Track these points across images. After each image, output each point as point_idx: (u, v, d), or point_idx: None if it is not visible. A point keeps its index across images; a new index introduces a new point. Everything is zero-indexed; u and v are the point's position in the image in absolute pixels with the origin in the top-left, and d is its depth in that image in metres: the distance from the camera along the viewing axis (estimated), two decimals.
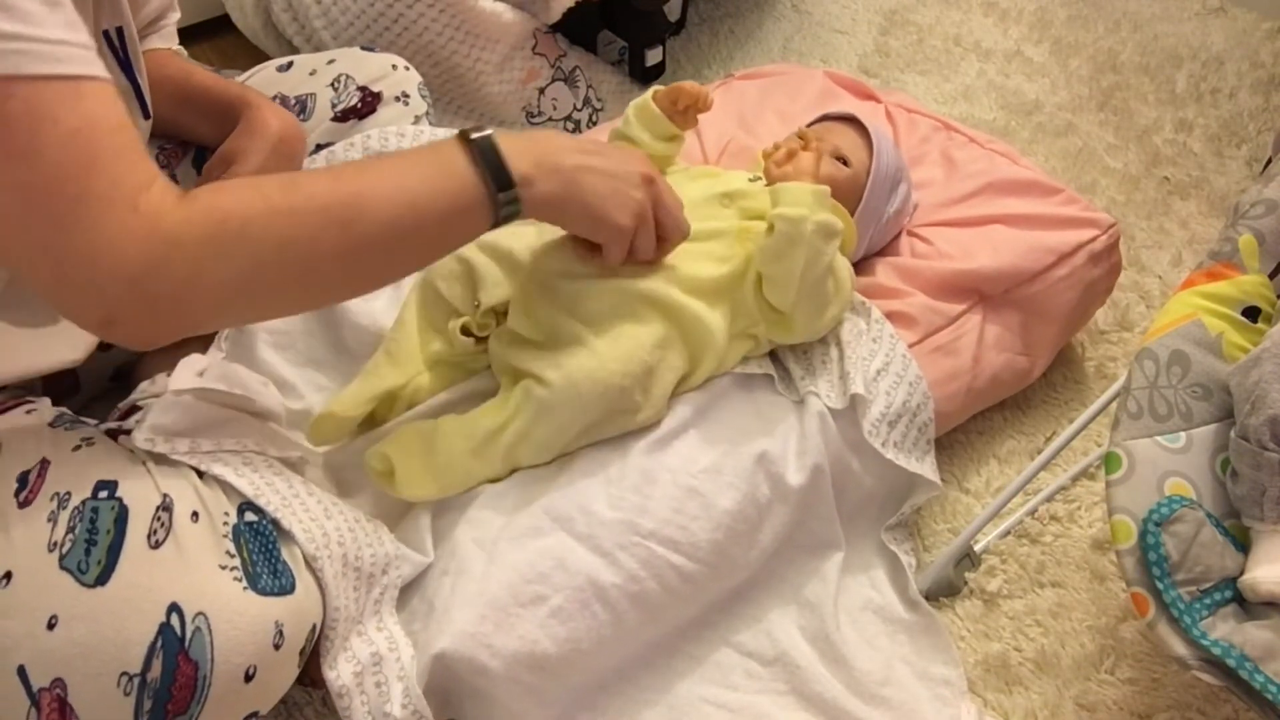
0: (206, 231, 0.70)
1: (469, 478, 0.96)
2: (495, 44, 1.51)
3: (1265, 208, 0.98)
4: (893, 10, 1.98)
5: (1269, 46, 1.95)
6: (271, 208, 0.73)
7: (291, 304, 0.81)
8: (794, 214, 0.99)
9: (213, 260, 0.70)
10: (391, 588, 0.89)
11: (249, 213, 0.72)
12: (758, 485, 1.00)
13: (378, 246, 0.78)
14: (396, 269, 0.83)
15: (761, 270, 1.02)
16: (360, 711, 0.84)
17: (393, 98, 1.18)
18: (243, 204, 0.72)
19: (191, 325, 0.74)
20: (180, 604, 0.72)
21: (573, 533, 0.93)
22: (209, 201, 0.71)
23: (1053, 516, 1.18)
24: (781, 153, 1.08)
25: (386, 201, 0.78)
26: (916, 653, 1.04)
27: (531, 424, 0.95)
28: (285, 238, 0.73)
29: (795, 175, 1.04)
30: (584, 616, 0.91)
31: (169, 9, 1.10)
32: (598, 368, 0.94)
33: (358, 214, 0.76)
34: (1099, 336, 1.38)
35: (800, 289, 1.01)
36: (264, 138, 1.03)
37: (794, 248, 0.99)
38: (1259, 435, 0.82)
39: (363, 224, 0.76)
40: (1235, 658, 0.77)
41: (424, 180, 0.80)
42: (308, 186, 0.76)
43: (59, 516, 0.75)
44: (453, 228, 0.83)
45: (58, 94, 0.66)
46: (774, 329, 1.06)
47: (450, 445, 0.94)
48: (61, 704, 0.70)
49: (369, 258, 0.78)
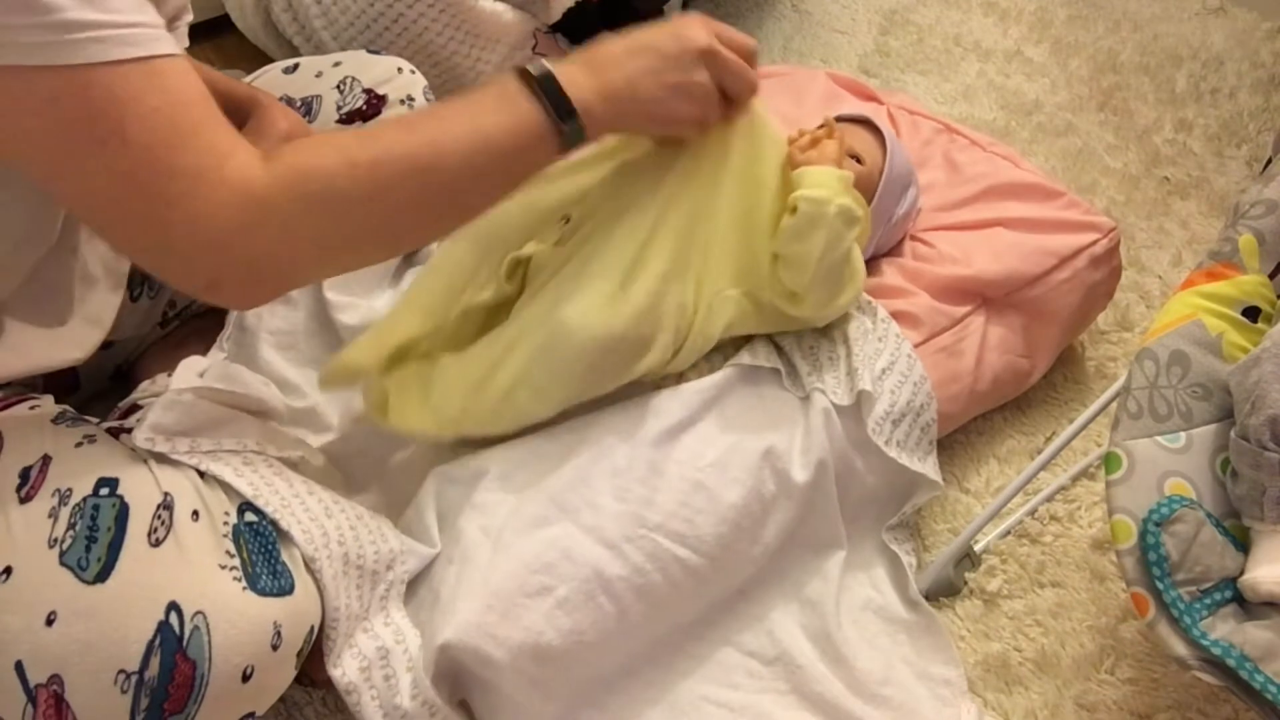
0: (294, 191, 0.73)
1: (464, 417, 0.95)
2: (495, 44, 1.51)
3: (1265, 208, 0.98)
4: (893, 10, 1.98)
5: (1269, 46, 1.95)
6: (352, 160, 0.75)
7: (382, 250, 0.85)
8: (818, 195, 0.99)
9: (302, 217, 0.73)
10: (398, 583, 0.89)
11: (332, 168, 0.74)
12: (763, 480, 1.00)
13: (457, 187, 0.81)
14: (476, 207, 0.86)
15: (781, 251, 1.02)
16: (370, 706, 0.84)
17: (398, 100, 1.18)
18: (324, 161, 0.75)
19: (291, 281, 0.80)
20: (179, 603, 0.72)
21: (579, 523, 0.93)
22: (292, 162, 0.74)
23: (1053, 516, 1.17)
24: (806, 139, 1.08)
25: (461, 144, 0.80)
26: (917, 653, 1.04)
27: (529, 364, 0.94)
28: (369, 189, 0.76)
29: (820, 160, 1.04)
30: (589, 608, 0.91)
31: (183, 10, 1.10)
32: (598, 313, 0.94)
33: (436, 159, 0.79)
34: (1099, 336, 1.38)
35: (816, 272, 1.01)
36: (273, 137, 1.03)
37: (815, 229, 0.99)
38: (1259, 435, 0.82)
39: (441, 168, 0.79)
40: (1235, 658, 0.77)
41: (493, 119, 0.82)
42: (384, 138, 0.78)
43: (60, 513, 0.75)
44: (523, 161, 0.86)
45: (136, 76, 0.67)
46: (782, 299, 1.05)
47: (446, 380, 0.94)
48: (58, 701, 0.70)
49: (450, 198, 0.82)
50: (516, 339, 0.95)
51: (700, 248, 1.00)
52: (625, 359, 0.97)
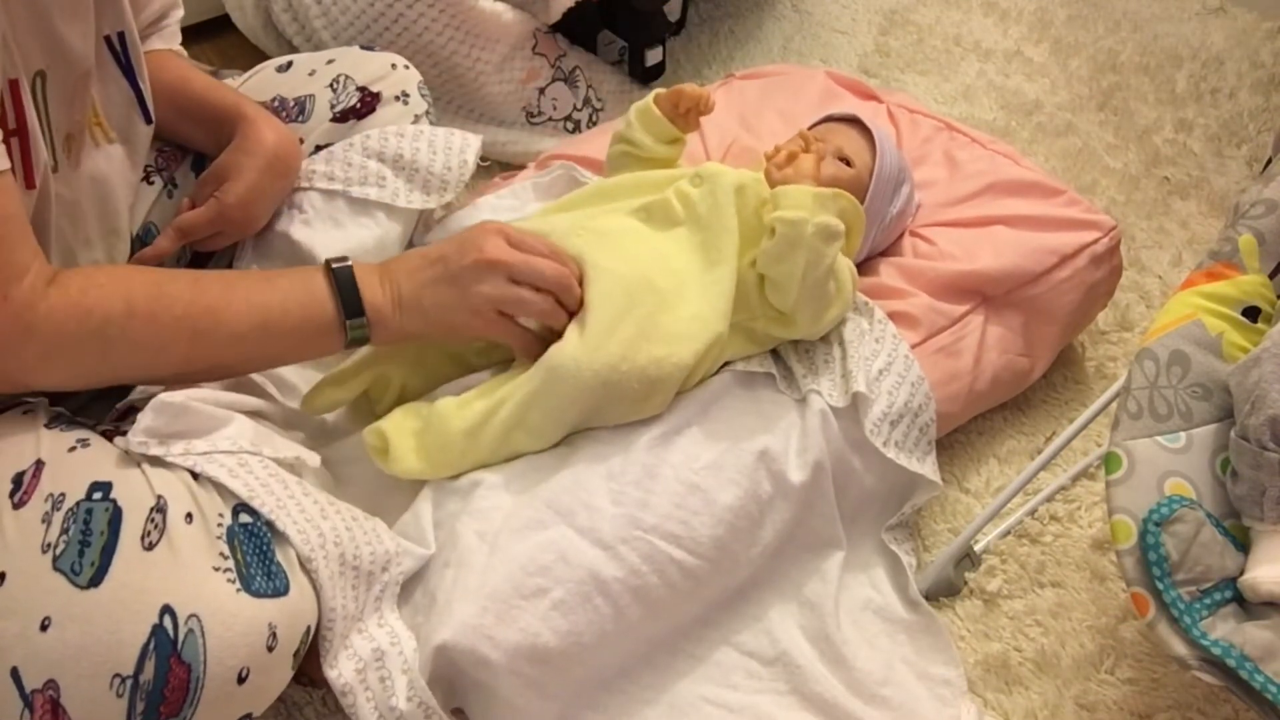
0: (65, 326, 0.78)
1: (462, 458, 0.96)
2: (495, 44, 1.51)
3: (1265, 208, 0.98)
4: (893, 10, 1.98)
5: (1269, 46, 1.94)
6: (131, 311, 0.80)
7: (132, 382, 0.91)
8: (794, 217, 0.99)
9: (64, 351, 0.79)
10: (393, 584, 0.89)
11: (109, 314, 0.80)
12: (759, 482, 1.00)
13: (223, 358, 0.88)
14: (239, 371, 0.93)
15: (763, 272, 1.03)
16: (366, 708, 0.84)
17: (392, 97, 1.17)
18: (105, 303, 0.80)
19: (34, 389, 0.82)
20: (173, 606, 0.72)
21: (574, 526, 0.93)
22: (75, 298, 0.78)
23: (1053, 516, 1.17)
24: (782, 155, 1.08)
25: (241, 319, 0.86)
26: (916, 653, 1.04)
27: (524, 407, 0.95)
28: (137, 341, 0.82)
29: (796, 178, 1.04)
30: (585, 610, 0.91)
31: (172, 7, 1.10)
32: (596, 351, 0.94)
33: (210, 326, 0.85)
34: (1099, 336, 1.38)
35: (801, 291, 1.01)
36: (259, 155, 1.03)
37: (794, 251, 0.99)
38: (1259, 435, 0.82)
39: (212, 336, 0.85)
40: (1235, 658, 0.77)
41: (282, 302, 0.88)
42: (171, 293, 0.83)
43: (53, 518, 0.75)
44: (300, 348, 0.92)
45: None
46: (774, 325, 1.06)
47: (444, 423, 0.95)
48: (54, 705, 0.70)
49: (214, 363, 0.88)
50: (512, 387, 0.96)
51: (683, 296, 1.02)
52: (622, 406, 0.98)
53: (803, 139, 1.10)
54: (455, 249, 0.94)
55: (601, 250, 1.01)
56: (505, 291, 0.94)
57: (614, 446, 0.98)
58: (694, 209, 1.06)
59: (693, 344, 0.99)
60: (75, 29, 0.84)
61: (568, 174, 1.29)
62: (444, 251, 0.95)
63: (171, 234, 1.02)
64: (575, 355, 0.94)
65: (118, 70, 0.93)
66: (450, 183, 1.15)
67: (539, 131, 1.60)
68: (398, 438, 0.95)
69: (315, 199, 1.10)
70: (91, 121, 0.92)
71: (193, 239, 1.03)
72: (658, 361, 0.97)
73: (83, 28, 0.85)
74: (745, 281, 1.04)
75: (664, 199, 1.07)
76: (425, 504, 0.95)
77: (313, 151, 1.14)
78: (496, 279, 0.93)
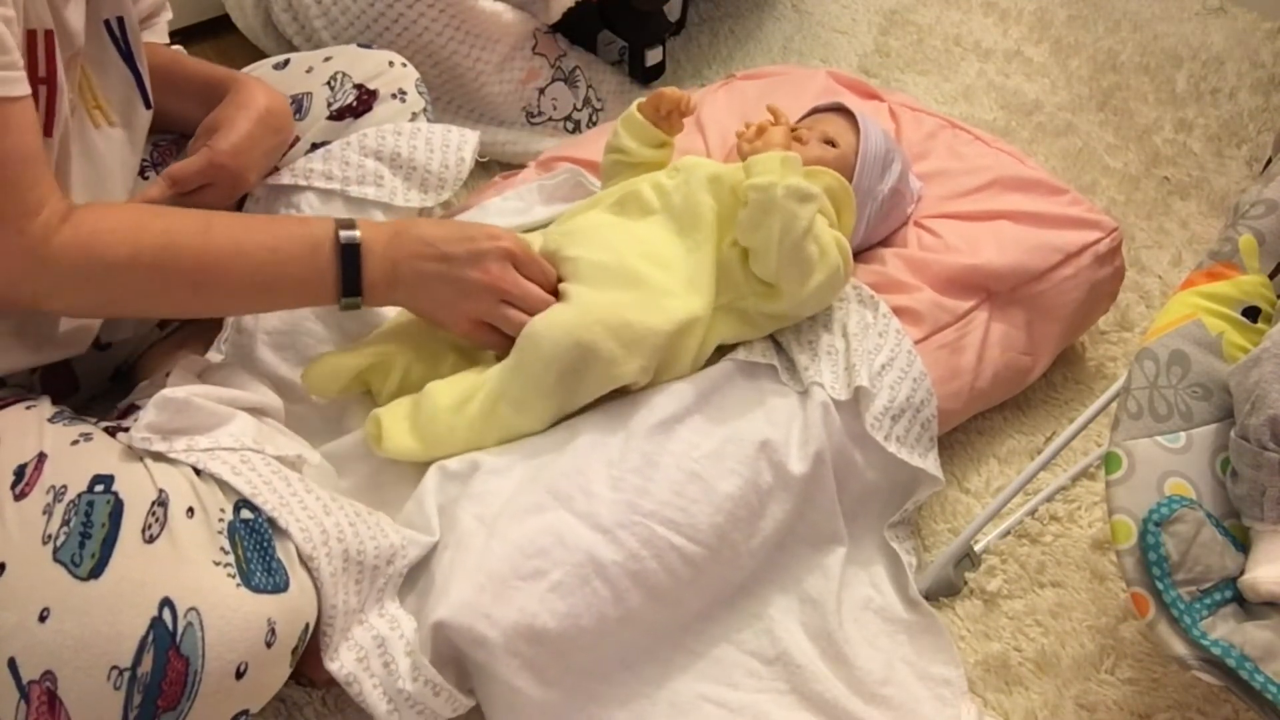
0: (75, 261, 0.82)
1: (451, 434, 0.97)
2: (495, 44, 1.51)
3: (1265, 208, 0.98)
4: (893, 10, 1.98)
5: (1269, 46, 1.94)
6: (137, 255, 0.84)
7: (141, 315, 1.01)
8: (764, 182, 1.01)
9: (74, 282, 0.83)
10: (397, 576, 0.89)
11: (115, 260, 0.83)
12: (760, 472, 1.00)
13: (222, 302, 0.93)
14: (235, 312, 1.01)
15: (742, 243, 1.04)
16: (374, 694, 0.84)
17: (389, 95, 1.17)
18: (113, 250, 0.83)
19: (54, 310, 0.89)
20: (173, 599, 0.72)
21: (573, 510, 0.94)
22: (85, 239, 0.82)
23: (1053, 516, 1.17)
24: (752, 130, 1.10)
25: (242, 277, 0.89)
26: (917, 653, 1.04)
27: (504, 378, 0.97)
28: (142, 279, 0.85)
29: (764, 148, 1.06)
30: (584, 592, 0.91)
31: (160, 9, 1.10)
32: (558, 317, 0.97)
33: (213, 277, 0.88)
34: (1099, 336, 1.38)
35: (780, 254, 1.02)
36: (251, 108, 1.03)
37: (768, 215, 1.01)
38: (1259, 435, 0.82)
39: (212, 290, 0.89)
40: (1235, 658, 0.77)
41: (284, 260, 0.90)
42: (178, 236, 0.86)
43: (54, 509, 0.75)
44: (294, 301, 0.96)
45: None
46: (763, 300, 1.06)
47: (433, 400, 0.97)
48: (51, 697, 0.70)
49: (211, 306, 0.94)
50: (497, 365, 0.99)
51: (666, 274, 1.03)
52: (596, 369, 0.98)
53: (772, 113, 1.12)
54: (464, 253, 0.96)
55: (575, 244, 1.03)
56: (494, 310, 0.98)
57: (614, 434, 0.99)
58: (668, 198, 1.08)
59: (668, 313, 1.01)
60: (72, 8, 0.85)
61: (574, 178, 1.29)
62: (451, 251, 0.95)
63: (161, 183, 1.00)
64: (549, 319, 0.97)
65: (117, 55, 0.94)
66: (448, 180, 1.15)
67: (539, 131, 1.60)
68: (391, 421, 0.97)
69: (313, 199, 1.10)
70: (92, 105, 0.93)
71: (183, 189, 1.01)
72: (629, 324, 0.98)
73: (78, 7, 0.86)
74: (728, 261, 1.05)
75: (635, 190, 1.09)
76: (428, 490, 0.95)
77: (310, 149, 1.13)
78: (491, 300, 0.97)
